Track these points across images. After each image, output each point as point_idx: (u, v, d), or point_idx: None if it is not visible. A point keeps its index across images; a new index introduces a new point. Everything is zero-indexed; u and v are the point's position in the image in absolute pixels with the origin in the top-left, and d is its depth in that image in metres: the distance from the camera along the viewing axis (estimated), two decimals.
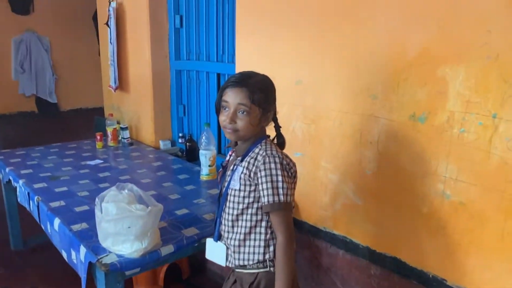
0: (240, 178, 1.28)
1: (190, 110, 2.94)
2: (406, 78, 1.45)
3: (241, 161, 1.31)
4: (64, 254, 1.69)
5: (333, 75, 1.69)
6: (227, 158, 1.43)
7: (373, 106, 1.57)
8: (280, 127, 1.37)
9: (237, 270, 1.37)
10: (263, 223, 1.30)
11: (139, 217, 1.41)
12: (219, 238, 1.40)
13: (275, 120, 1.36)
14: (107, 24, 3.08)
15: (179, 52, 2.88)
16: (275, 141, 1.37)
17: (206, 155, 2.19)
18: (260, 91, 1.25)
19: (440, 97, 1.37)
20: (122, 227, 1.41)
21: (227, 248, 1.37)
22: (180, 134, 2.98)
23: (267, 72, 1.33)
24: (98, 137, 2.93)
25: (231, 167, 1.35)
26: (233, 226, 1.33)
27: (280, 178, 1.22)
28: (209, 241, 1.42)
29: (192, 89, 2.86)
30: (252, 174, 1.26)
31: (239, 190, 1.29)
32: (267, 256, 1.30)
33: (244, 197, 1.29)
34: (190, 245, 1.59)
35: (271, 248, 1.30)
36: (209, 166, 2.22)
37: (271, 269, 1.30)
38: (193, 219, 1.76)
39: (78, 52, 5.48)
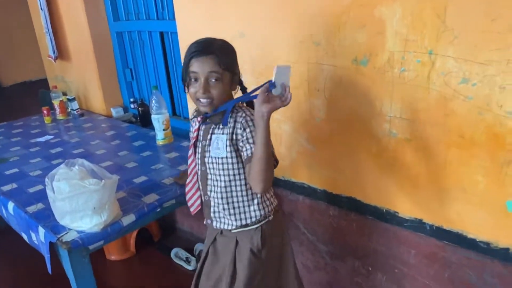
0: (226, 146, 1.28)
1: (137, 73, 2.83)
2: (345, 21, 1.44)
3: (222, 128, 1.29)
4: (24, 236, 1.66)
5: (275, 24, 1.66)
6: (194, 128, 1.38)
7: (317, 53, 1.57)
8: (246, 88, 1.35)
9: (235, 231, 1.37)
10: None
11: (93, 191, 1.39)
12: (209, 214, 1.40)
13: (240, 82, 1.34)
14: None
15: (117, 13, 2.72)
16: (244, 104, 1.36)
17: (159, 119, 2.14)
18: (226, 55, 1.23)
19: (379, 38, 1.38)
20: (78, 203, 1.39)
21: (219, 212, 1.38)
22: (131, 99, 2.89)
23: (208, 27, 1.29)
24: (45, 112, 2.80)
25: (208, 137, 1.33)
26: (226, 196, 1.33)
27: None
28: None
29: (136, 51, 2.73)
30: (237, 137, 1.27)
31: (226, 157, 1.29)
32: (267, 210, 1.37)
33: (233, 163, 1.29)
34: (152, 212, 1.60)
35: (268, 198, 1.38)
36: (164, 130, 2.18)
37: (270, 217, 1.38)
38: (153, 185, 1.76)
39: (10, 22, 5.06)
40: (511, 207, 1.27)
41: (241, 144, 1.26)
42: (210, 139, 1.32)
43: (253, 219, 1.35)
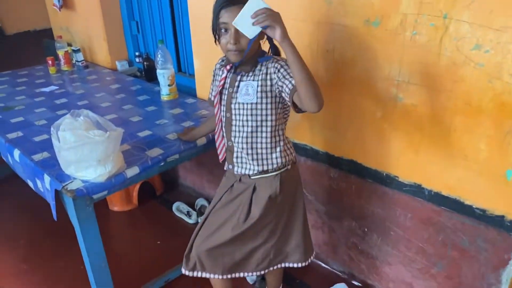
0: (257, 92, 1.31)
1: (144, 26, 2.78)
2: None
3: (252, 75, 1.33)
4: (30, 184, 1.70)
5: None
6: (221, 76, 1.40)
7: (329, 12, 1.53)
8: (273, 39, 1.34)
9: (254, 177, 1.44)
10: (281, 131, 1.41)
11: (98, 142, 1.40)
12: (231, 159, 1.46)
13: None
14: None
15: None
16: (270, 53, 1.37)
17: (164, 75, 2.13)
18: None
19: None
20: (83, 153, 1.40)
21: (241, 158, 1.44)
22: (137, 53, 2.85)
23: None
24: (50, 62, 2.77)
25: (235, 84, 1.36)
26: (252, 141, 1.39)
27: None
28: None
29: (143, 3, 2.67)
30: (271, 82, 1.30)
31: (256, 103, 1.32)
32: (287, 159, 1.43)
33: (262, 109, 1.33)
34: (156, 165, 1.62)
35: (289, 147, 1.45)
36: (169, 85, 2.17)
37: (288, 167, 1.44)
38: (157, 140, 1.77)
39: None
40: (511, 176, 1.28)
41: (280, 83, 1.27)
42: (238, 86, 1.36)
43: (274, 166, 1.41)
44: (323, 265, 2.06)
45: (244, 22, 1.14)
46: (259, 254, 1.52)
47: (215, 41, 1.31)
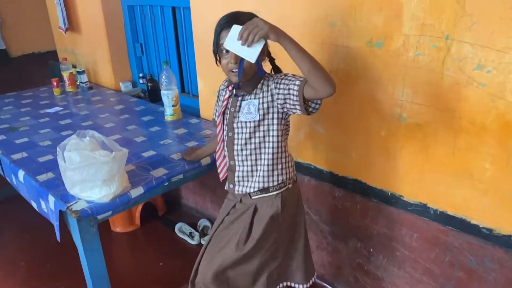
0: (258, 109, 1.33)
1: (148, 48, 2.82)
2: (362, 2, 1.43)
3: (253, 94, 1.35)
4: (34, 204, 1.69)
5: (291, 3, 1.64)
6: (224, 97, 1.42)
7: (332, 34, 1.56)
8: (274, 59, 1.39)
9: (255, 197, 1.43)
10: (284, 148, 1.41)
11: (104, 163, 1.40)
12: (233, 178, 1.46)
13: (268, 53, 1.38)
14: None
15: None
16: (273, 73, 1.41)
17: (169, 95, 2.15)
18: None
19: (395, 21, 1.37)
20: (88, 173, 1.41)
21: (243, 176, 1.43)
22: (141, 75, 2.88)
23: (222, 4, 1.28)
24: (55, 83, 2.81)
25: (237, 104, 1.38)
26: (255, 158, 1.39)
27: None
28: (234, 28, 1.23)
29: (148, 26, 2.72)
30: (273, 97, 1.31)
31: (259, 120, 1.34)
32: (288, 176, 1.43)
33: (264, 125, 1.35)
34: (160, 185, 1.61)
35: (290, 166, 1.44)
36: (173, 106, 2.19)
37: (289, 185, 1.44)
38: (161, 160, 1.77)
39: None
40: None
41: (285, 92, 1.27)
42: (240, 105, 1.37)
43: (275, 183, 1.41)
44: (328, 286, 2.03)
45: (243, 49, 1.17)
46: (264, 278, 1.50)
47: (216, 62, 1.34)
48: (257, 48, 1.17)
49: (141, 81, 2.90)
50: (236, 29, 1.17)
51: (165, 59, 2.64)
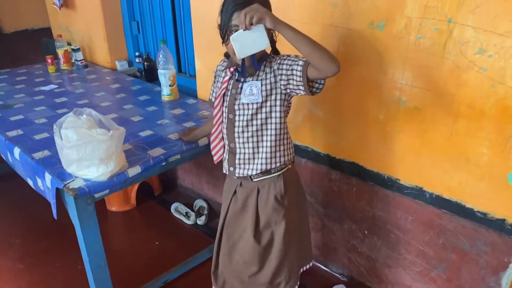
0: (261, 91, 1.32)
1: (144, 27, 2.78)
2: None
3: (256, 76, 1.33)
4: (30, 182, 1.69)
5: None
6: (225, 79, 1.40)
7: (333, 14, 1.54)
8: (276, 41, 1.37)
9: (256, 179, 1.43)
10: (286, 129, 1.40)
11: (101, 141, 1.39)
12: (233, 161, 1.44)
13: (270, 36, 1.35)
14: None
15: None
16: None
17: (166, 75, 2.12)
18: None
19: (398, 2, 1.35)
20: (85, 152, 1.39)
21: (244, 159, 1.42)
22: (137, 53, 2.84)
23: None
24: (50, 61, 2.76)
25: (238, 85, 1.36)
26: (257, 140, 1.38)
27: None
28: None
29: (144, 3, 2.67)
30: (274, 79, 1.31)
31: (262, 101, 1.33)
32: (288, 158, 1.43)
33: (266, 106, 1.34)
34: (157, 165, 1.61)
35: (290, 147, 1.44)
36: (170, 86, 2.16)
37: (289, 166, 1.45)
38: (158, 139, 1.76)
39: None
40: None
41: (288, 73, 1.26)
42: (241, 87, 1.35)
43: (277, 165, 1.41)
44: (323, 267, 2.06)
45: (254, 45, 1.17)
46: (286, 270, 1.49)
47: (223, 42, 1.32)
48: (261, 33, 1.16)
49: (137, 60, 2.86)
50: (237, 36, 1.17)
51: (162, 38, 2.60)
